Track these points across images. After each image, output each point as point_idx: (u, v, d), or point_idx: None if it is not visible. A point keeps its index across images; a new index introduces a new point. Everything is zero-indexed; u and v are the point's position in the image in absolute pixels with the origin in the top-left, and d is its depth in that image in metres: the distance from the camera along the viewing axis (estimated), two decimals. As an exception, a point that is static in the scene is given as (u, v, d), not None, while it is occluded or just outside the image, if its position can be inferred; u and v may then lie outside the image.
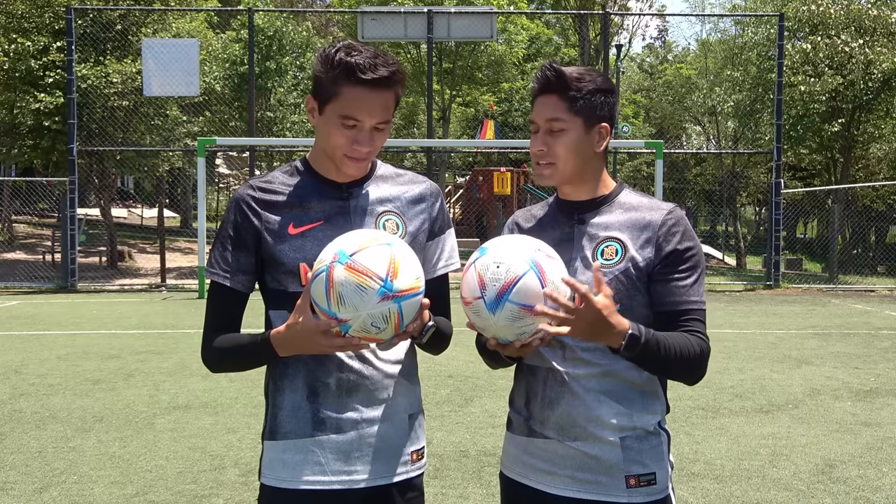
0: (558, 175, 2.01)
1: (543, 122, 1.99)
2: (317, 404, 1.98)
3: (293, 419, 1.99)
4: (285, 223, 1.99)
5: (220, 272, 2.01)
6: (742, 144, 26.93)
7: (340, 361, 1.97)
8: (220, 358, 2.01)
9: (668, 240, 1.96)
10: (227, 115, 23.16)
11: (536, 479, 2.01)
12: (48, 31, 20.10)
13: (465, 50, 23.73)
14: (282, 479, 1.99)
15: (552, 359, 1.99)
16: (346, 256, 1.76)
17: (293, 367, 1.99)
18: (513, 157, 32.40)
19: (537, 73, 2.03)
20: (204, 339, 2.04)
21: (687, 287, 1.95)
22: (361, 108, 1.90)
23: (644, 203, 2.03)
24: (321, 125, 1.96)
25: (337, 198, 2.02)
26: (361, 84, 1.88)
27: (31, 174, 27.54)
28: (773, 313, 13.63)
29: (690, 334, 1.92)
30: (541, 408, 2.00)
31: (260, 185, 2.03)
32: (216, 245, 2.04)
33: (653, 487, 1.96)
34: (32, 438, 5.78)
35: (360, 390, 1.98)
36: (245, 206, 2.00)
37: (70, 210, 16.91)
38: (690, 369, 1.93)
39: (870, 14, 23.02)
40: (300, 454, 1.98)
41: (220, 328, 2.02)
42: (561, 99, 1.97)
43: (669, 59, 46.93)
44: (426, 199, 2.12)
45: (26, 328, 11.23)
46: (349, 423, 1.98)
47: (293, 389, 2.00)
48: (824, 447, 5.65)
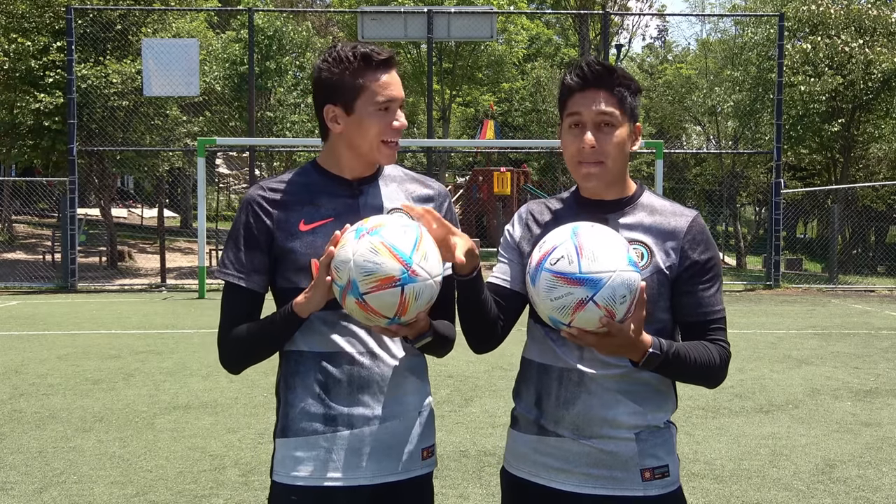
0: (606, 175, 1.95)
1: (594, 116, 1.92)
2: (328, 400, 1.99)
3: (305, 416, 2.00)
4: (296, 220, 2.01)
5: (235, 273, 2.01)
6: (742, 144, 26.92)
7: (352, 357, 1.99)
8: (241, 347, 2.00)
9: (694, 248, 1.97)
10: (227, 115, 23.14)
11: (548, 477, 2.00)
12: (48, 31, 20.10)
13: (465, 50, 23.75)
14: (294, 476, 1.99)
15: (568, 358, 1.97)
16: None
17: (305, 365, 2.01)
18: (513, 157, 32.38)
19: (576, 66, 1.96)
20: (220, 341, 2.04)
21: (711, 296, 1.98)
22: (392, 87, 1.99)
23: (668, 208, 2.02)
24: (352, 126, 1.99)
25: (347, 195, 2.04)
26: (381, 67, 1.98)
27: (31, 174, 27.56)
28: (773, 313, 13.63)
29: (713, 343, 1.97)
30: (555, 407, 1.98)
31: (270, 186, 2.05)
32: (228, 247, 2.05)
33: (666, 479, 1.99)
34: (32, 438, 5.78)
35: (370, 386, 2.00)
36: (256, 206, 2.02)
37: (70, 210, 16.91)
38: (709, 378, 1.99)
39: (870, 14, 23.01)
40: (312, 451, 1.99)
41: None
42: (611, 95, 1.93)
43: (669, 59, 46.92)
44: (435, 199, 2.13)
45: (26, 328, 11.23)
46: (360, 420, 1.99)
47: (305, 387, 2.01)
48: (824, 447, 5.65)
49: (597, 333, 1.77)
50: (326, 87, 1.99)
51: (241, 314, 2.02)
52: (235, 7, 26.43)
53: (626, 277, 1.74)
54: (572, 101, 1.95)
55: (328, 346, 2.00)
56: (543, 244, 1.82)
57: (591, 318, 1.75)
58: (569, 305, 1.75)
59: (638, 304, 1.77)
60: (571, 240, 1.77)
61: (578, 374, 1.96)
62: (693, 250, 1.96)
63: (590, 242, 1.75)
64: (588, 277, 1.73)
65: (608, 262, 1.73)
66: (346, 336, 2.00)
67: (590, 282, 1.73)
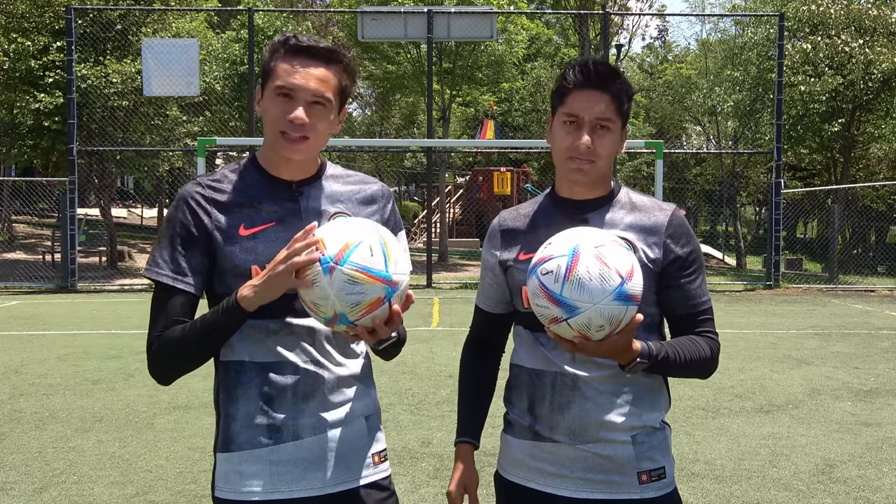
0: (595, 173, 1.97)
1: (592, 118, 1.93)
2: (272, 412, 1.91)
3: (248, 429, 1.92)
4: (236, 224, 1.91)
5: (170, 273, 1.88)
6: (742, 144, 26.92)
7: (296, 366, 1.92)
8: (174, 350, 1.86)
9: (676, 241, 1.98)
10: (227, 115, 23.13)
11: (545, 483, 1.99)
12: (48, 30, 20.09)
13: (465, 50, 23.68)
14: (239, 491, 1.91)
15: (561, 362, 1.97)
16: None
17: (246, 375, 1.92)
18: (513, 157, 32.38)
19: (581, 64, 1.95)
20: (150, 346, 1.89)
21: (696, 288, 2.00)
22: (293, 74, 1.87)
23: (647, 203, 2.03)
24: (263, 110, 1.93)
25: (288, 198, 1.96)
26: (293, 53, 1.89)
27: (31, 174, 27.56)
28: (773, 313, 13.63)
29: (701, 336, 1.99)
30: (549, 412, 1.98)
31: (209, 183, 1.95)
32: (162, 245, 1.91)
33: (663, 481, 1.98)
34: (32, 438, 5.78)
35: (316, 395, 1.93)
36: (195, 203, 1.91)
37: (70, 210, 16.91)
38: (700, 372, 2.01)
39: (870, 14, 23.00)
40: (257, 465, 1.91)
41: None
42: (611, 98, 1.94)
43: (669, 59, 46.91)
44: (377, 200, 2.07)
45: (26, 328, 11.23)
46: (306, 429, 1.92)
47: (247, 398, 1.92)
48: (824, 447, 5.65)
49: (574, 342, 1.79)
50: (261, 69, 1.97)
51: (175, 319, 1.87)
52: (235, 7, 26.42)
53: (608, 312, 1.73)
54: (572, 98, 1.94)
55: (272, 356, 1.91)
56: (548, 246, 1.81)
57: (565, 332, 1.78)
58: (545, 316, 1.78)
59: (623, 331, 1.77)
60: (568, 257, 1.75)
61: (572, 378, 1.95)
62: (676, 244, 1.98)
63: (582, 267, 1.73)
64: (566, 302, 1.73)
65: (591, 295, 1.72)
66: (289, 346, 1.91)
67: (567, 306, 1.73)
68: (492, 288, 2.13)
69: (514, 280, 2.03)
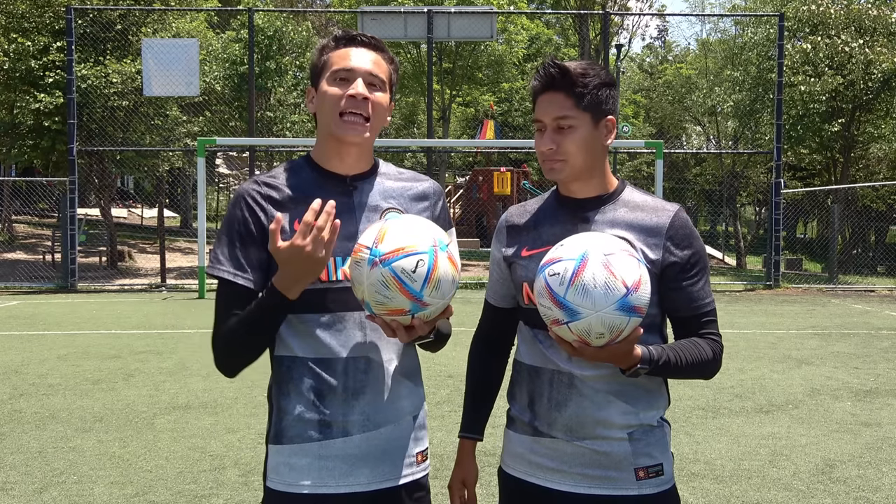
0: (569, 170, 1.98)
1: (551, 121, 1.96)
2: (323, 408, 1.95)
3: (299, 423, 1.96)
4: (290, 220, 1.94)
5: (231, 269, 1.93)
6: (742, 144, 26.93)
7: (347, 363, 1.95)
8: (231, 342, 1.91)
9: (677, 244, 1.97)
10: (227, 115, 23.13)
11: (544, 477, 2.02)
12: (48, 30, 20.09)
13: (465, 50, 23.74)
14: (288, 483, 1.95)
15: (558, 360, 1.99)
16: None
17: (298, 371, 1.96)
18: (513, 157, 32.38)
19: (538, 69, 2.00)
20: (215, 342, 1.95)
21: (699, 290, 1.99)
22: (349, 58, 1.97)
23: (649, 203, 2.02)
24: (319, 103, 1.99)
25: (341, 193, 1.99)
26: (345, 44, 2.00)
27: (31, 174, 27.56)
28: (773, 313, 13.63)
29: (704, 338, 1.99)
30: (547, 409, 2.00)
31: (265, 181, 2.00)
32: (221, 242, 1.96)
33: (661, 478, 1.99)
34: (32, 438, 5.78)
35: (365, 393, 1.96)
36: (252, 200, 1.96)
37: (70, 210, 16.91)
38: (703, 374, 2.01)
39: (870, 14, 23.02)
40: (307, 458, 1.95)
41: None
42: (567, 96, 1.94)
43: (669, 59, 46.94)
44: (429, 197, 2.11)
45: (26, 328, 11.23)
46: (356, 426, 1.96)
47: (298, 393, 1.96)
48: (824, 447, 5.65)
49: (573, 345, 1.80)
50: (310, 72, 2.04)
51: (235, 312, 1.91)
52: (235, 7, 26.42)
53: (609, 320, 1.73)
54: (537, 105, 2.00)
55: (323, 352, 1.94)
56: (559, 247, 1.82)
57: (566, 335, 1.79)
58: (548, 317, 1.79)
59: (625, 340, 1.78)
60: (576, 261, 1.75)
61: (569, 376, 1.97)
62: (677, 246, 1.97)
63: (588, 274, 1.73)
64: (568, 305, 1.74)
65: (593, 301, 1.72)
66: (342, 342, 1.95)
67: (568, 310, 1.74)
68: (499, 283, 2.16)
69: (517, 275, 2.05)
